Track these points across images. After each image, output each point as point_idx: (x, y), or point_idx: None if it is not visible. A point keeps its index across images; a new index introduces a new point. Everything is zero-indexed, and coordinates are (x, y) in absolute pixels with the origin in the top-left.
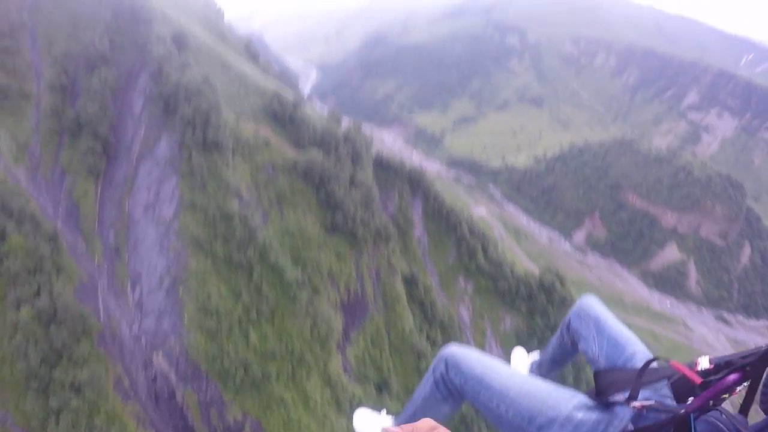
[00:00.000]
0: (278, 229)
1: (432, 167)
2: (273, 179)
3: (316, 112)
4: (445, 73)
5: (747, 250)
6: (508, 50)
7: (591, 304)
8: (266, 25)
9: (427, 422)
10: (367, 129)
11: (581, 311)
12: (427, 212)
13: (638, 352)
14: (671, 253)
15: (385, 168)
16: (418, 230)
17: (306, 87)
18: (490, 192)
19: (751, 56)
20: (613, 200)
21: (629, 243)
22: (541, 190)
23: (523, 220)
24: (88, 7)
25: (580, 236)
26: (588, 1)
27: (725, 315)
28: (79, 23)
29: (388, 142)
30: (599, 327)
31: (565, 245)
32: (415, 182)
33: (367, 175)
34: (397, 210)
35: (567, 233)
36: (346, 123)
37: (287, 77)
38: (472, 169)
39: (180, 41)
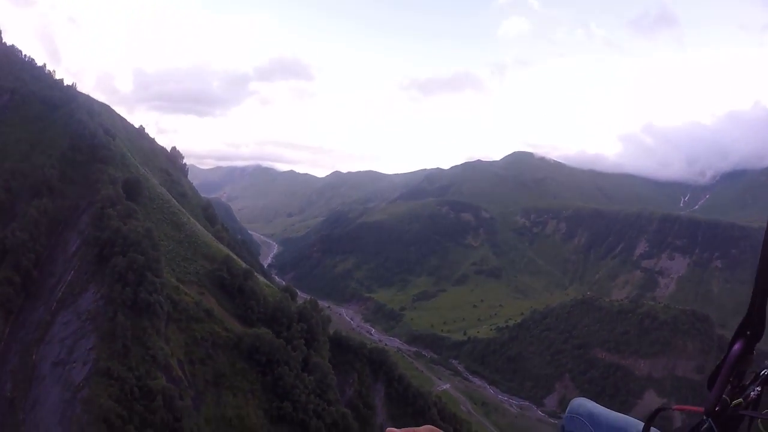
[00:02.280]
0: (212, 415)
1: (392, 344)
2: (212, 355)
3: (271, 285)
4: (403, 251)
5: None
6: (464, 227)
7: (581, 403)
8: (234, 196)
9: (428, 428)
10: (325, 306)
11: (573, 413)
12: (390, 396)
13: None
14: (651, 400)
15: (344, 349)
16: (381, 417)
17: (266, 259)
18: (453, 366)
19: (687, 197)
20: (582, 360)
21: (605, 399)
22: (507, 360)
23: (489, 392)
24: (51, 132)
25: (552, 401)
26: (534, 174)
27: None
28: (38, 145)
29: (347, 319)
30: (594, 421)
31: (537, 413)
32: (377, 364)
33: (322, 357)
34: (357, 396)
35: (538, 400)
36: (302, 299)
37: (248, 247)
38: (433, 343)
39: (132, 188)
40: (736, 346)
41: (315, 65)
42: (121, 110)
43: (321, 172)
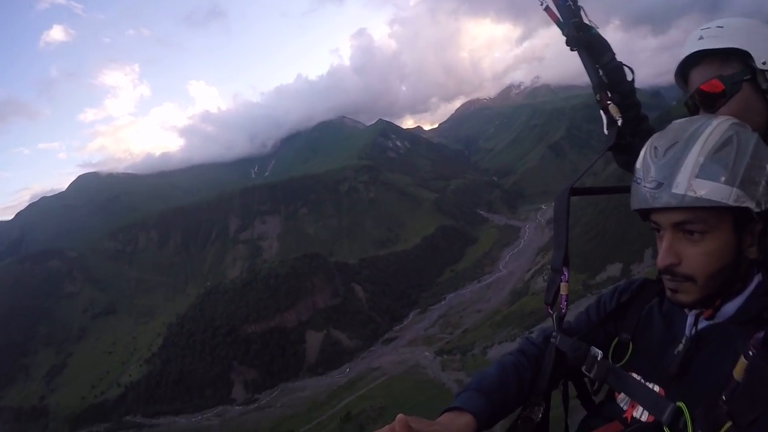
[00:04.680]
0: None
1: None
2: None
3: None
4: (4, 332)
5: (358, 288)
6: (56, 276)
7: None
8: None
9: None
10: None
11: None
12: None
13: None
14: (314, 339)
15: None
16: None
17: None
18: (131, 422)
19: (256, 167)
20: (241, 342)
21: (280, 361)
22: (174, 384)
23: (181, 422)
24: None
25: (239, 391)
26: (107, 194)
27: (388, 336)
28: None
29: None
30: None
31: (235, 409)
32: None
33: None
34: None
35: (227, 399)
36: None
37: None
38: (97, 415)
39: None
40: (565, 273)
41: None
42: None
43: None
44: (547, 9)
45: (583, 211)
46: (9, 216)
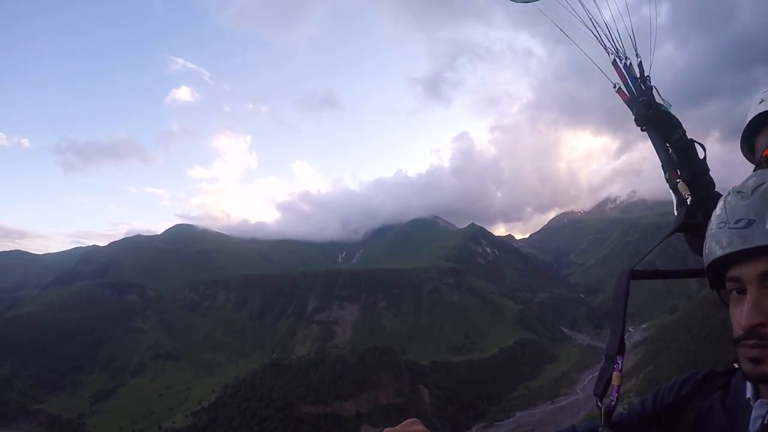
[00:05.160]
0: None
1: None
2: None
3: None
4: (67, 346)
5: (424, 391)
6: (131, 309)
7: None
8: None
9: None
10: None
11: None
12: None
13: None
14: None
15: None
16: None
17: None
18: None
19: (344, 253)
20: (291, 420)
21: None
22: None
23: None
24: None
25: None
26: (198, 247)
27: None
28: None
29: None
30: None
31: None
32: None
33: None
34: None
35: None
36: None
37: None
38: None
39: None
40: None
41: None
42: None
43: None
44: (618, 90)
45: (674, 335)
46: (103, 243)
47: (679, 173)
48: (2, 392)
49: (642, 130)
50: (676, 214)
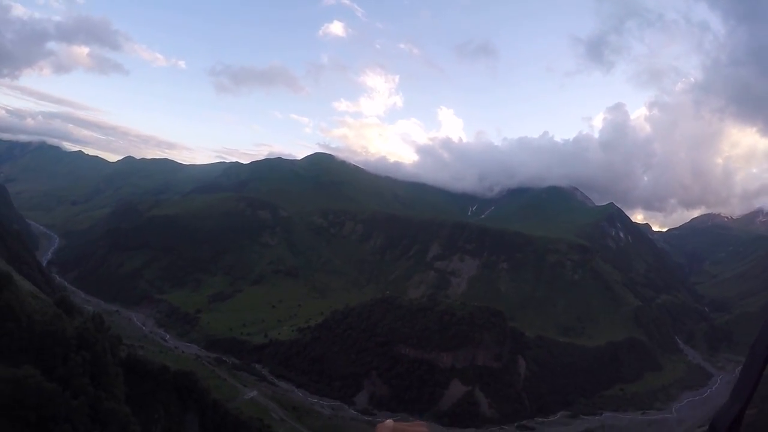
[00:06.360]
0: None
1: (190, 350)
2: None
3: (40, 296)
4: (197, 249)
5: (522, 362)
6: (261, 224)
7: None
8: (13, 176)
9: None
10: (114, 309)
11: None
12: (206, 428)
13: None
14: (456, 389)
15: (142, 377)
16: None
17: (46, 255)
18: (257, 371)
19: (475, 207)
20: (387, 357)
21: (414, 392)
22: (312, 361)
23: (298, 395)
24: None
25: (363, 399)
26: (334, 176)
27: (525, 423)
28: None
29: (138, 324)
30: None
31: (350, 411)
32: (185, 390)
33: (116, 397)
34: None
35: (348, 399)
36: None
37: (22, 240)
38: (233, 348)
39: None
40: None
41: (123, 33)
42: None
43: (112, 156)
44: None
45: None
46: (245, 161)
47: None
48: (132, 280)
49: None
50: None
